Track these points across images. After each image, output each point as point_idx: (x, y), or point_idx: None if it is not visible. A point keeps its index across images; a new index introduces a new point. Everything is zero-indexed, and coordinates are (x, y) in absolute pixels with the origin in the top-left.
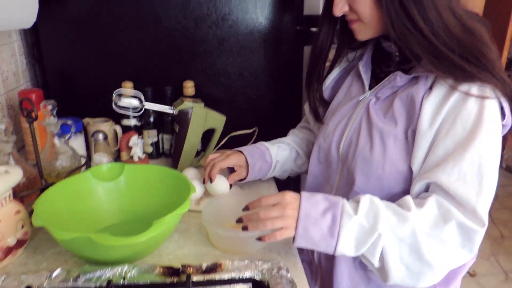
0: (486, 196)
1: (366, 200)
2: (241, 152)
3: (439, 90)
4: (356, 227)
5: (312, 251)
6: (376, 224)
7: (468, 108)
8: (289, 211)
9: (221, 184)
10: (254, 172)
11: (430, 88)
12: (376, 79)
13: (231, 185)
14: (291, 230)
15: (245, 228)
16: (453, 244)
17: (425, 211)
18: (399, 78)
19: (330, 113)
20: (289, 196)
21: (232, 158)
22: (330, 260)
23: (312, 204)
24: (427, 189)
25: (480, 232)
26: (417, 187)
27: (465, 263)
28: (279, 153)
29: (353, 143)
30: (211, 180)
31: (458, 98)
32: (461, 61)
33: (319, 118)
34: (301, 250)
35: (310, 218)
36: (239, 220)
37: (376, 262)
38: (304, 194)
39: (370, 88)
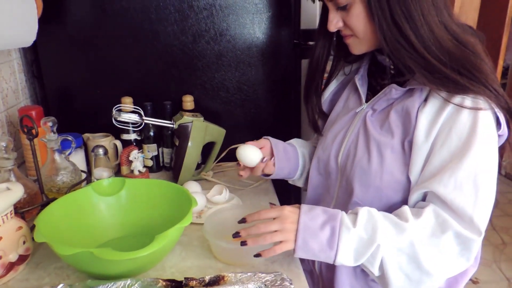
0: (483, 206)
1: (364, 212)
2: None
3: (434, 102)
4: (355, 239)
5: (313, 261)
6: (374, 236)
7: (463, 120)
8: (288, 225)
9: (253, 151)
10: (279, 151)
11: (425, 100)
12: (372, 92)
13: (263, 158)
14: (290, 243)
15: (244, 243)
16: (451, 253)
17: (423, 221)
18: (394, 91)
19: (329, 125)
20: (288, 210)
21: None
22: (331, 269)
23: (311, 217)
24: (424, 198)
25: (477, 241)
26: (414, 196)
27: (466, 271)
28: (300, 144)
29: (351, 154)
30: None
31: (452, 110)
32: (453, 74)
33: (318, 130)
34: (302, 260)
35: (309, 231)
36: (236, 234)
37: (376, 271)
38: (303, 207)
39: (366, 101)
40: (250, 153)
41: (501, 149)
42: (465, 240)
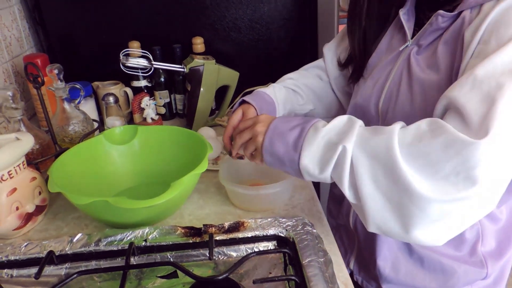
0: (502, 112)
1: (343, 117)
2: (246, 102)
3: (481, 15)
4: (322, 141)
5: (347, 215)
6: (343, 138)
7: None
8: (259, 128)
9: None
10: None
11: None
12: (419, 27)
13: None
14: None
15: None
16: (442, 166)
17: (411, 127)
18: (441, 18)
19: (369, 70)
20: (265, 115)
21: (249, 113)
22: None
23: (285, 120)
24: None
25: (478, 146)
26: (436, 112)
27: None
28: (277, 93)
29: (392, 99)
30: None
31: (498, 11)
32: None
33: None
34: (337, 214)
35: (277, 131)
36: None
37: (346, 191)
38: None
39: (412, 37)
40: None
41: None
42: (461, 147)
